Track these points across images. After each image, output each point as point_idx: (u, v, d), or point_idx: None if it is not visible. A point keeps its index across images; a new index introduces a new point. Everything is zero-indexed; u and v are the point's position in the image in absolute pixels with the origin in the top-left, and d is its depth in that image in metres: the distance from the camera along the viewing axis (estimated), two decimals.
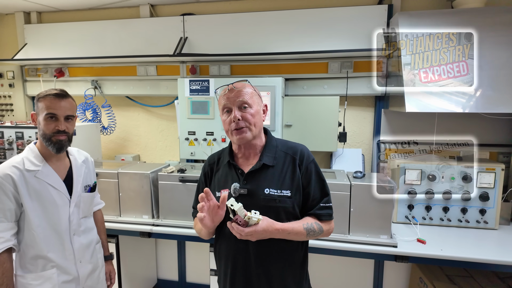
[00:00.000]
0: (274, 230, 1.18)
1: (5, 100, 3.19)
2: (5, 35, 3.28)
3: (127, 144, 3.18)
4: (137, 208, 2.32)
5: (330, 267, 2.73)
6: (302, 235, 1.25)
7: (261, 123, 1.32)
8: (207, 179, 1.42)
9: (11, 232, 1.42)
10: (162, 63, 2.84)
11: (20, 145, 2.51)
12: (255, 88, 1.33)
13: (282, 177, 1.28)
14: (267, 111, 1.37)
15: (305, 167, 1.31)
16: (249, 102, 1.26)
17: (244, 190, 1.27)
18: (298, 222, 1.26)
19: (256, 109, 1.28)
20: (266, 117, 1.36)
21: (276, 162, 1.30)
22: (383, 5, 2.44)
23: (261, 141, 1.34)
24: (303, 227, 1.25)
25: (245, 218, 1.12)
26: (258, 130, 1.30)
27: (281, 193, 1.26)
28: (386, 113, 2.56)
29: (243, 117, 1.25)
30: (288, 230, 1.21)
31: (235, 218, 1.12)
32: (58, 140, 1.46)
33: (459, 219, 2.21)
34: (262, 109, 1.34)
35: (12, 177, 1.41)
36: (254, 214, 1.13)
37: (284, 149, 1.33)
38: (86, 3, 2.88)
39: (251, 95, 1.28)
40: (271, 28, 2.60)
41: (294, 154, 1.32)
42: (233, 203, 1.11)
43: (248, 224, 1.13)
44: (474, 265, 1.87)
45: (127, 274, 2.59)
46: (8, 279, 1.40)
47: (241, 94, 1.26)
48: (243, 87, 1.28)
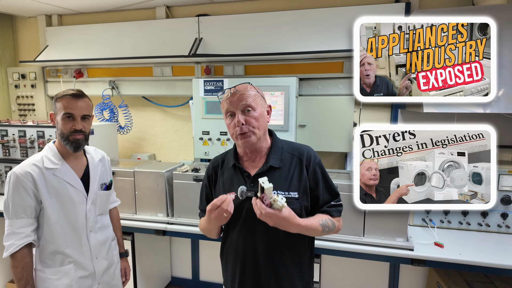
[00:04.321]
0: (295, 223, 1.17)
1: (27, 100, 3.31)
2: (28, 37, 3.40)
3: (143, 144, 3.24)
4: (152, 206, 2.35)
5: (344, 269, 2.69)
6: (318, 232, 1.25)
7: (266, 125, 1.30)
8: (211, 182, 1.40)
9: (31, 227, 1.47)
10: (178, 63, 2.87)
11: (41, 144, 2.59)
12: (258, 89, 1.31)
13: (289, 178, 1.27)
14: (271, 111, 1.35)
15: (312, 169, 1.29)
16: (252, 105, 1.24)
17: (251, 193, 1.26)
18: (315, 218, 1.26)
19: (260, 112, 1.26)
20: (270, 118, 1.33)
21: (282, 163, 1.29)
22: (400, 3, 2.39)
23: (266, 143, 1.32)
24: (319, 223, 1.25)
25: (271, 200, 1.12)
26: (263, 132, 1.28)
27: (288, 195, 1.25)
28: (403, 113, 2.50)
29: (247, 121, 1.23)
30: (307, 226, 1.21)
31: (261, 196, 1.12)
32: (75, 139, 1.50)
33: (479, 223, 2.13)
34: (266, 110, 1.31)
35: (32, 174, 1.46)
36: (281, 199, 1.13)
37: (290, 151, 1.32)
38: (105, 6, 2.95)
39: (254, 97, 1.25)
40: (286, 28, 2.59)
41: (300, 156, 1.31)
42: (265, 181, 1.11)
43: (271, 207, 1.13)
44: (495, 271, 1.80)
45: (142, 271, 2.64)
46: (28, 273, 1.45)
47: (244, 97, 1.23)
48: (246, 90, 1.25)
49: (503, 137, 2.35)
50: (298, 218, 1.19)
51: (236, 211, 1.27)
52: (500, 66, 1.90)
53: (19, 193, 1.44)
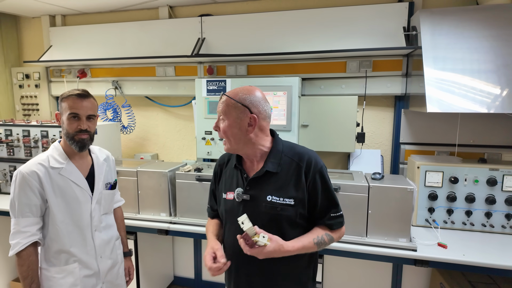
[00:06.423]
0: (284, 251, 1.17)
1: (31, 100, 3.33)
2: (32, 37, 3.42)
3: (146, 143, 3.25)
4: (155, 206, 2.36)
5: (347, 270, 2.69)
6: (313, 249, 1.25)
7: (241, 136, 1.23)
8: (216, 179, 1.44)
9: (36, 226, 1.48)
10: (180, 63, 2.88)
11: (45, 144, 2.60)
12: (241, 99, 1.22)
13: (286, 184, 1.24)
14: (255, 123, 1.22)
15: (312, 176, 1.24)
16: (222, 116, 1.24)
17: (246, 196, 1.26)
18: (309, 237, 1.24)
19: (229, 123, 1.22)
20: (253, 129, 1.23)
21: (280, 168, 1.25)
22: (403, 2, 2.38)
23: (262, 147, 1.28)
24: (313, 242, 1.23)
25: (253, 239, 1.12)
26: (237, 143, 1.24)
27: (283, 201, 1.23)
28: (406, 113, 2.50)
29: (220, 129, 1.25)
30: (299, 249, 1.20)
31: (243, 235, 1.13)
32: (80, 138, 1.52)
33: (483, 223, 2.13)
34: (248, 122, 1.22)
35: (38, 174, 1.47)
36: (263, 238, 1.13)
37: (291, 155, 1.27)
38: (108, 6, 2.96)
39: (225, 108, 1.23)
40: (288, 27, 2.59)
41: (300, 161, 1.25)
42: (244, 221, 1.11)
43: (256, 243, 1.13)
44: (499, 272, 1.79)
45: (145, 271, 2.65)
46: (33, 271, 1.46)
47: (219, 106, 1.26)
48: (221, 99, 1.26)
49: (507, 137, 2.35)
50: (288, 245, 1.18)
51: (233, 212, 1.30)
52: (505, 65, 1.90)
53: (25, 192, 1.45)
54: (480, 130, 2.37)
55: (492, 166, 2.10)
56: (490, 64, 1.92)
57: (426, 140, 2.48)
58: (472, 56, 1.95)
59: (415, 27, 2.24)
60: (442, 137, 2.44)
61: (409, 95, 2.40)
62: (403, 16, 2.37)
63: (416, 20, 2.19)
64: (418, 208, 2.20)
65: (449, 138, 2.42)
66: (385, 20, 2.39)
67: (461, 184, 2.13)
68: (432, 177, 2.17)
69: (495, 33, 1.95)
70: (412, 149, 2.52)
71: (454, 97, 1.92)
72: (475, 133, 2.38)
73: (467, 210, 2.13)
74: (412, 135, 2.51)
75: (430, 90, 1.93)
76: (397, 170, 2.57)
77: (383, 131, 2.64)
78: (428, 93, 1.92)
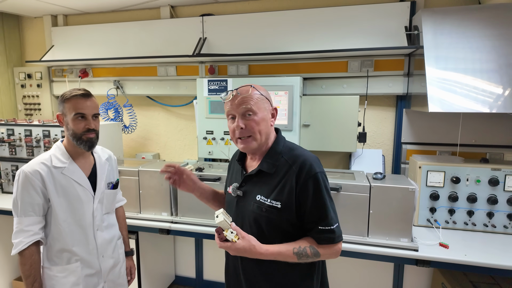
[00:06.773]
0: (256, 253, 1.14)
1: (33, 99, 3.34)
2: (34, 37, 3.43)
3: (147, 143, 3.25)
4: (156, 205, 2.36)
5: (348, 270, 2.69)
6: (292, 259, 1.16)
7: (268, 129, 1.24)
8: (228, 172, 1.47)
9: (39, 225, 1.49)
10: (182, 63, 2.88)
11: (47, 143, 2.61)
12: (263, 91, 1.24)
13: (277, 186, 1.19)
14: (276, 114, 1.28)
15: (303, 181, 1.17)
16: (254, 109, 1.18)
17: (240, 192, 1.27)
18: (289, 245, 1.17)
19: (262, 116, 1.20)
20: (275, 121, 1.27)
21: (275, 169, 1.22)
22: (405, 2, 2.37)
23: (267, 145, 1.27)
24: (292, 251, 1.15)
25: (224, 233, 1.13)
26: (265, 137, 1.23)
27: (270, 203, 1.19)
28: (407, 113, 2.49)
29: (247, 125, 1.19)
30: (273, 254, 1.15)
31: (217, 228, 1.14)
32: (88, 138, 1.52)
33: (485, 223, 2.12)
34: (271, 113, 1.25)
35: (40, 173, 1.47)
36: (230, 233, 1.12)
37: (287, 157, 1.22)
38: (109, 6, 2.97)
39: (256, 100, 1.19)
40: (290, 27, 2.59)
41: (293, 164, 1.19)
42: (219, 215, 1.11)
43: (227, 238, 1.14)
44: (501, 272, 1.78)
45: (146, 270, 2.66)
46: (35, 270, 1.47)
47: (245, 101, 1.18)
48: (247, 93, 1.19)
49: (509, 137, 2.34)
50: (262, 247, 1.14)
51: (229, 206, 1.33)
52: (507, 65, 1.89)
53: (28, 191, 1.45)
54: (482, 130, 2.36)
55: (494, 166, 2.09)
56: (493, 64, 1.91)
57: (428, 140, 2.48)
58: (474, 56, 1.94)
59: (417, 27, 2.24)
60: (444, 137, 2.43)
61: (411, 94, 2.40)
62: (405, 16, 2.37)
63: (418, 19, 2.19)
64: (420, 208, 2.19)
65: (451, 138, 2.41)
66: (386, 19, 2.39)
67: (463, 184, 2.13)
68: (433, 177, 2.16)
69: (498, 32, 1.95)
70: (414, 149, 2.51)
71: (456, 97, 1.91)
72: (477, 133, 2.37)
73: (469, 210, 2.13)
74: (413, 135, 2.50)
75: (432, 89, 1.93)
76: (398, 170, 2.57)
77: (384, 130, 2.63)
78: (430, 92, 1.92)
